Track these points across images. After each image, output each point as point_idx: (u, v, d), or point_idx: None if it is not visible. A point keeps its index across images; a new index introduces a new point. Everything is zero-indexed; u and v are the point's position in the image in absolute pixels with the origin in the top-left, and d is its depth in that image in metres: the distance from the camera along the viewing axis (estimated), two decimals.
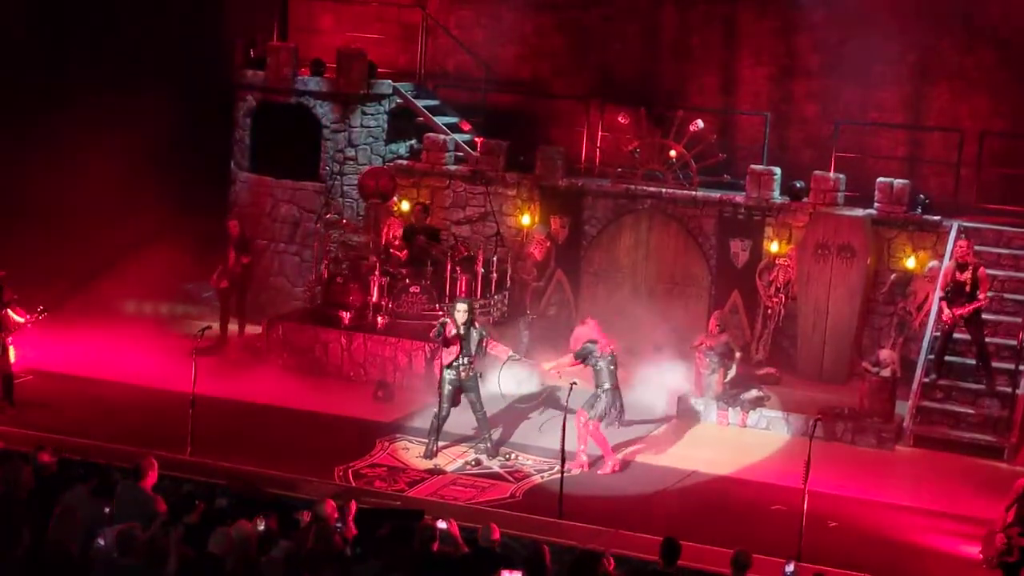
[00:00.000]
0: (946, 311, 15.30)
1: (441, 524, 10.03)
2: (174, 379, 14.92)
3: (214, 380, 15.09)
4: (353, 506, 10.17)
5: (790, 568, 9.74)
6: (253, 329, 17.67)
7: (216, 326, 17.23)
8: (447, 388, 13.98)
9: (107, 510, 9.79)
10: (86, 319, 17.40)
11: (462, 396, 14.10)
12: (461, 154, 19.01)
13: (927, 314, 16.09)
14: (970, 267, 15.23)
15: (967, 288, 15.16)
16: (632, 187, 18.00)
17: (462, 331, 13.88)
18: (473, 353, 14.00)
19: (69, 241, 18.67)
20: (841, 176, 17.29)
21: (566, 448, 12.85)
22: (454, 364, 13.94)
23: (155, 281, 18.37)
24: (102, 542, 8.77)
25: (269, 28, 19.93)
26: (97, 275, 19.89)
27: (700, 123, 17.74)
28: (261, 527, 9.43)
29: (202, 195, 19.05)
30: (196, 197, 18.82)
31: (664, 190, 17.87)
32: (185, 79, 19.04)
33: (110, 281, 18.97)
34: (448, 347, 13.86)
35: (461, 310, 13.97)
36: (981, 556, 11.54)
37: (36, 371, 15.65)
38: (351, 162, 18.73)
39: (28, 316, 14.60)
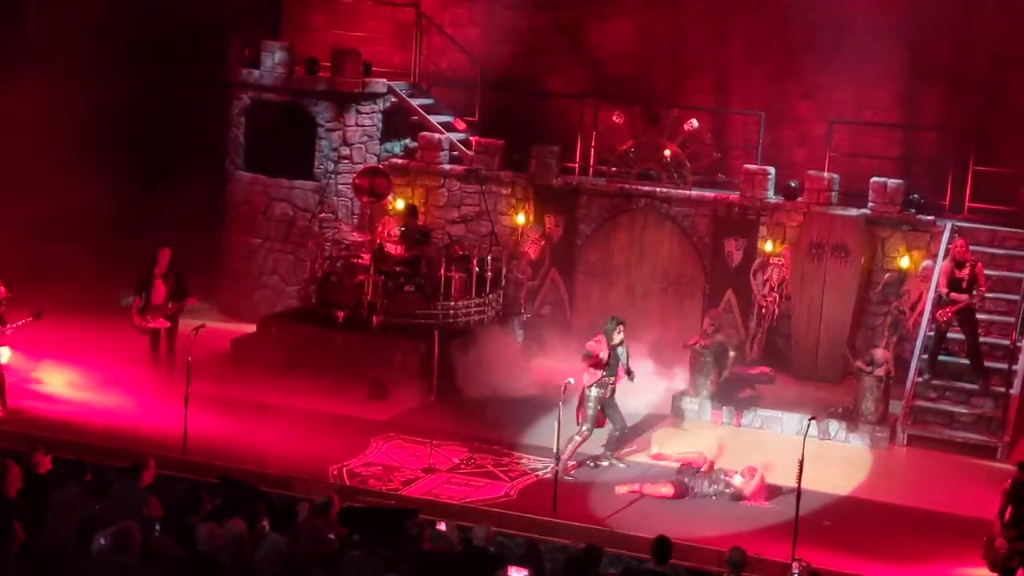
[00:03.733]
0: (941, 311, 15.32)
1: (440, 526, 10.05)
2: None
3: (208, 378, 15.11)
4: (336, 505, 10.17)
5: (796, 571, 9.75)
6: (247, 328, 17.63)
7: (208, 323, 17.08)
8: (594, 408, 13.77)
9: (97, 507, 9.77)
10: (81, 318, 17.38)
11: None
12: (456, 153, 19.01)
13: (920, 314, 16.11)
14: (968, 264, 15.26)
15: (964, 285, 15.19)
16: (626, 186, 18.01)
17: (617, 351, 13.84)
18: (618, 372, 13.88)
19: (60, 239, 18.68)
20: (835, 176, 17.31)
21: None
22: (600, 382, 13.77)
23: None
24: (103, 541, 8.76)
25: (263, 26, 19.90)
26: (90, 274, 19.89)
27: (695, 122, 17.75)
28: (266, 527, 9.44)
29: (195, 194, 19.02)
30: (189, 196, 18.80)
31: (658, 189, 17.88)
32: (179, 77, 19.02)
33: (103, 280, 18.96)
34: (595, 367, 13.73)
35: (620, 330, 13.86)
36: (984, 560, 11.44)
37: (29, 369, 15.64)
38: (345, 161, 18.72)
39: (11, 325, 14.49)
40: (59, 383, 15.44)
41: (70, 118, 18.21)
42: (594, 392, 13.76)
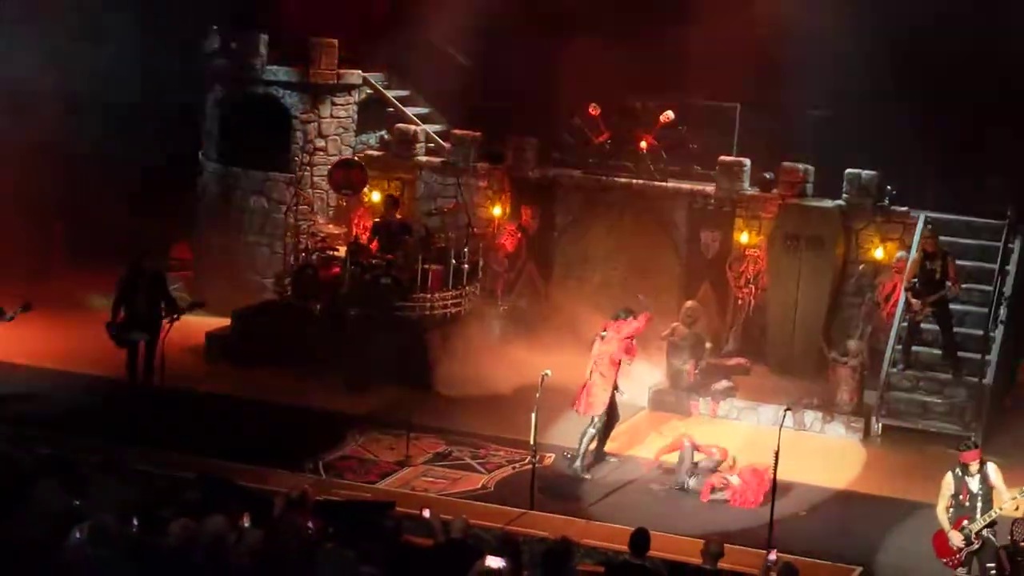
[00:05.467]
0: (914, 301, 15.38)
1: (425, 513, 10.07)
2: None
3: (183, 371, 15.07)
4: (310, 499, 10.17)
5: (772, 557, 9.80)
6: (222, 321, 17.54)
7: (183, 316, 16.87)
8: (605, 400, 13.76)
9: (77, 503, 9.75)
10: (54, 310, 17.31)
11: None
12: (432, 145, 18.99)
13: (895, 305, 16.19)
14: (938, 256, 15.32)
15: (936, 276, 15.26)
16: (603, 178, 18.01)
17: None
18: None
19: (31, 231, 18.60)
20: (810, 167, 17.36)
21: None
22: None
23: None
24: (79, 535, 8.75)
25: (237, 17, 19.77)
26: (63, 266, 19.81)
27: (671, 114, 17.75)
28: (247, 523, 9.43)
29: (169, 186, 18.96)
30: (162, 188, 18.76)
31: (635, 181, 17.89)
32: (152, 69, 18.91)
33: (76, 272, 18.91)
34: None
35: (631, 318, 13.87)
36: (944, 561, 11.24)
37: (7, 363, 15.55)
38: (321, 153, 18.66)
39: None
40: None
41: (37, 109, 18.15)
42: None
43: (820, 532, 12.45)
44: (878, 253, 16.80)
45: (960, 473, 10.98)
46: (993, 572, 10.75)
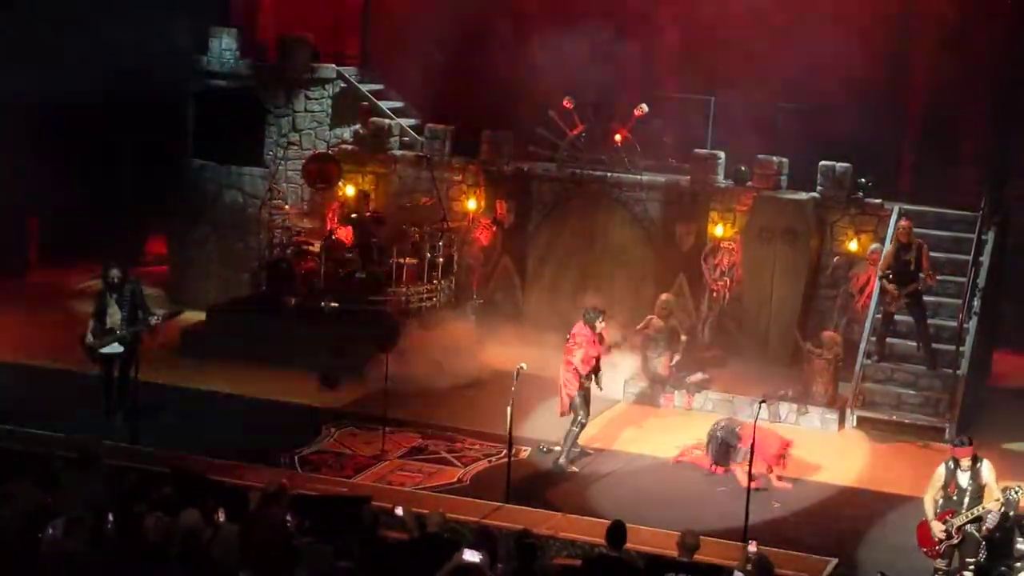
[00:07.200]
0: (889, 287, 15.43)
1: (398, 511, 10.05)
2: None
3: (158, 366, 14.99)
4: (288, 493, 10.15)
5: (753, 549, 9.82)
6: (197, 316, 17.46)
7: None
8: (581, 396, 13.68)
9: (49, 500, 9.70)
10: (29, 307, 17.20)
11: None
12: (406, 139, 18.95)
13: (869, 296, 16.25)
14: (913, 246, 15.39)
15: (911, 267, 15.32)
16: (578, 171, 18.02)
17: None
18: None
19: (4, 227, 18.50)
20: (784, 160, 17.41)
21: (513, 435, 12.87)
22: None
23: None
24: (52, 531, 8.71)
25: (211, 11, 19.70)
26: (38, 262, 19.71)
27: (645, 107, 17.78)
28: (222, 518, 9.41)
29: (143, 181, 18.86)
30: (137, 183, 18.66)
31: (609, 174, 17.91)
32: (126, 64, 18.80)
33: (52, 268, 18.80)
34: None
35: (602, 319, 13.76)
36: (924, 551, 11.19)
37: None
38: (295, 147, 18.61)
39: None
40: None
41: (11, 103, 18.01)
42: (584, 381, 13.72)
43: (795, 524, 12.48)
44: (852, 245, 16.86)
45: (952, 466, 11.00)
46: (972, 566, 10.78)
